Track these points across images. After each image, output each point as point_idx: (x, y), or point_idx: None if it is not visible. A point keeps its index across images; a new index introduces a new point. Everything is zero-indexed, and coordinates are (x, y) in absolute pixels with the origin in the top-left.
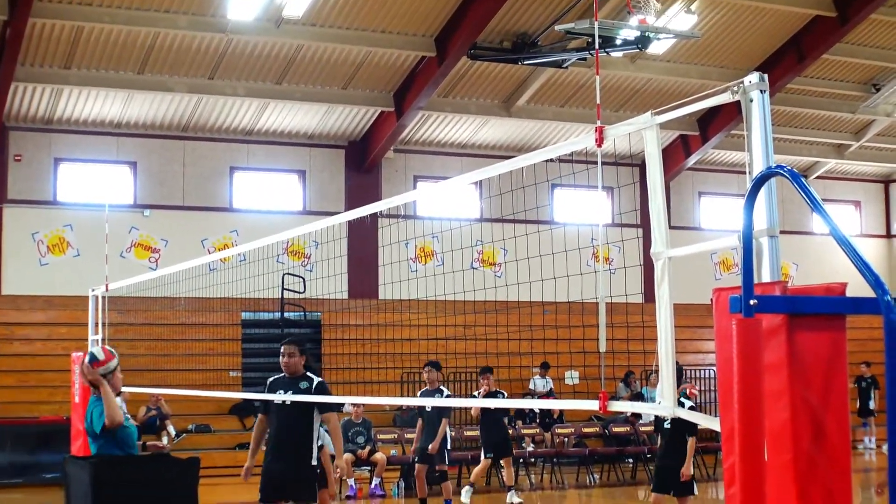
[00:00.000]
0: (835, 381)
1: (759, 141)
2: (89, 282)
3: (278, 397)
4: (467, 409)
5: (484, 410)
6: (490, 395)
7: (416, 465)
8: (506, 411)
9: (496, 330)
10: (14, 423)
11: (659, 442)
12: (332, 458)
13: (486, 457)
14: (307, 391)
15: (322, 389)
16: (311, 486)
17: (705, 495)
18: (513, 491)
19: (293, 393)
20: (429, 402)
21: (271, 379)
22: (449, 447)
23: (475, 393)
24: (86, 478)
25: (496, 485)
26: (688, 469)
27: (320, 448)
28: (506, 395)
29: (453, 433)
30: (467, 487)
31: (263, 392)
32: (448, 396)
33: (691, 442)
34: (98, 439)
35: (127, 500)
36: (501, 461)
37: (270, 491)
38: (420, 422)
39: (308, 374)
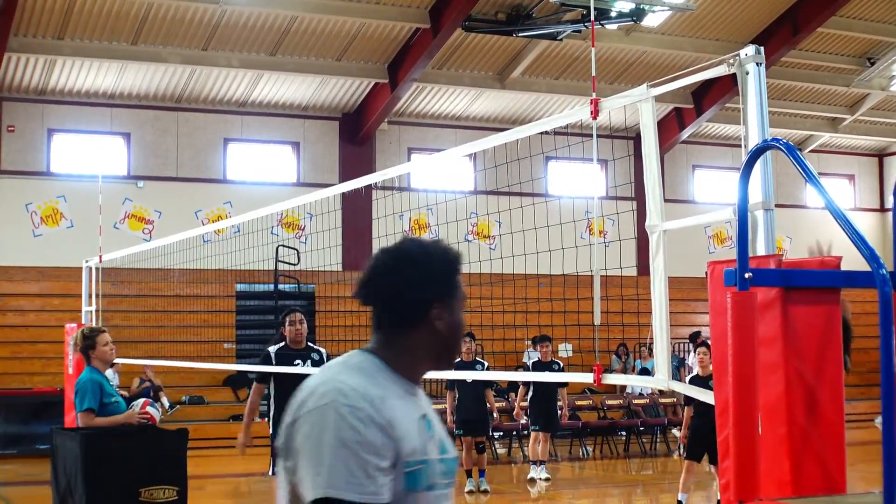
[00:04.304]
0: (829, 355)
1: (755, 114)
2: (83, 253)
3: (297, 369)
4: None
5: (536, 382)
6: (544, 365)
7: (464, 437)
8: (561, 383)
9: (490, 302)
10: (7, 394)
11: (688, 411)
12: None
13: (533, 429)
14: (320, 363)
15: (329, 360)
16: None
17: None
18: (543, 466)
19: (311, 364)
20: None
21: (275, 349)
22: (490, 418)
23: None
24: (74, 449)
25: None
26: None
27: None
28: (561, 365)
29: (504, 404)
30: (541, 467)
31: (264, 362)
32: (488, 369)
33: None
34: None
35: (115, 471)
36: (541, 434)
37: None
38: (451, 394)
39: (310, 344)
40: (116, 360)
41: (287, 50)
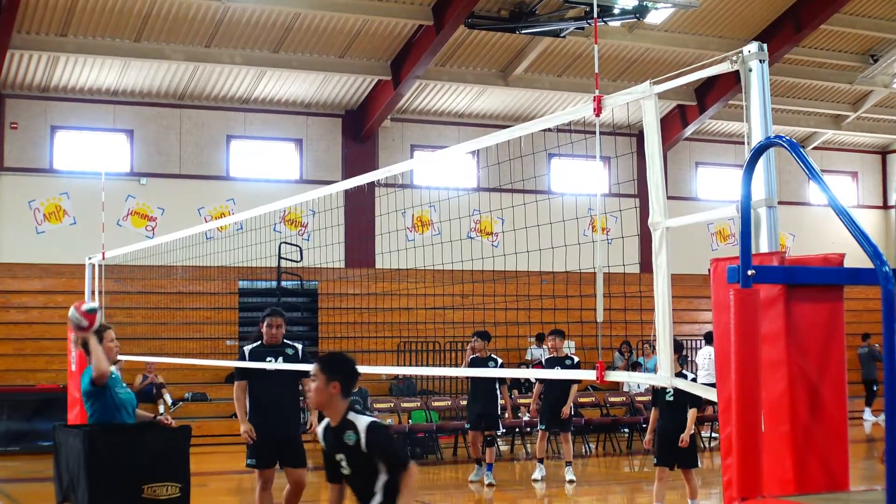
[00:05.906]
0: (832, 352)
1: (758, 111)
2: (86, 250)
3: (270, 365)
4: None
5: (544, 378)
6: (557, 361)
7: (471, 431)
8: (572, 380)
9: (493, 300)
10: (11, 390)
11: (654, 413)
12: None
13: (540, 428)
14: (294, 357)
15: (306, 355)
16: (304, 450)
17: (701, 465)
18: (570, 467)
19: (283, 360)
20: (430, 371)
21: (250, 348)
22: (502, 414)
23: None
24: (77, 445)
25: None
26: (686, 436)
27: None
28: (577, 360)
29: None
30: (539, 466)
31: (241, 359)
32: (501, 366)
33: (692, 412)
34: (91, 398)
35: (118, 468)
36: (560, 435)
37: (268, 456)
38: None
39: (285, 341)
40: (120, 357)
41: (290, 47)
